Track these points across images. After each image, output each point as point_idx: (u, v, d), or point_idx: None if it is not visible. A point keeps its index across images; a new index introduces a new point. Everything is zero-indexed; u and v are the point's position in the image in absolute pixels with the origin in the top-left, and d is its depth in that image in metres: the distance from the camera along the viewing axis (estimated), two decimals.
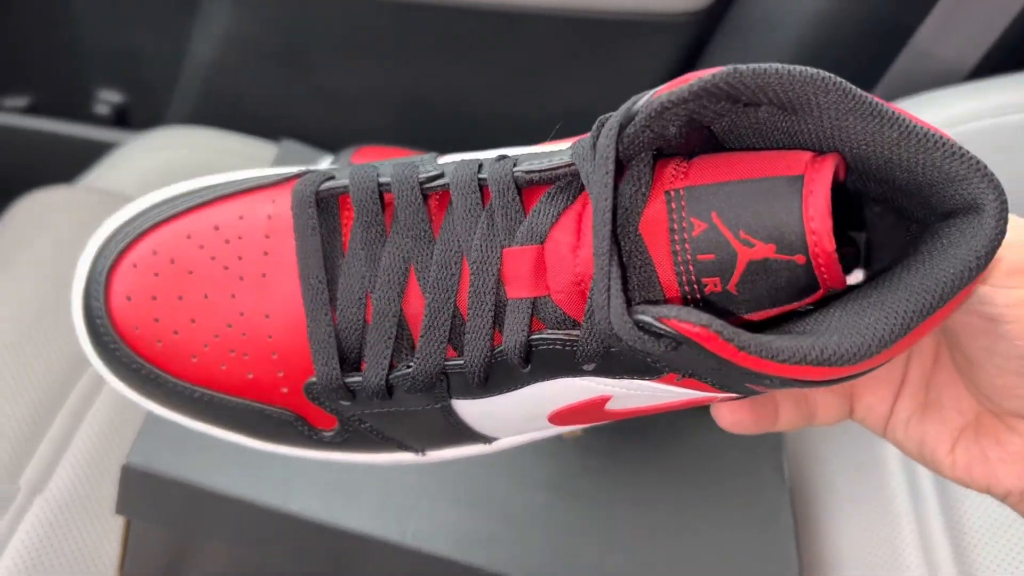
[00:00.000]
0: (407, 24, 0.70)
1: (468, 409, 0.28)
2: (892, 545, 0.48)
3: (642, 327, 0.22)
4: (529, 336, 0.25)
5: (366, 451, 0.31)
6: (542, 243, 0.25)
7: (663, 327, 0.21)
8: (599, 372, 0.25)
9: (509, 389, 0.27)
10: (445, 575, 0.40)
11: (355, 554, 0.40)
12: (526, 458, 0.45)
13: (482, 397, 0.27)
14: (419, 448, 0.31)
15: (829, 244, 0.21)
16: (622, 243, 0.23)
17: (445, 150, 0.54)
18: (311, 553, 0.41)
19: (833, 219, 0.22)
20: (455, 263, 0.26)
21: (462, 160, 0.28)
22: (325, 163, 0.50)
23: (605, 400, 0.27)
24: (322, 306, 0.27)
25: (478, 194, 0.26)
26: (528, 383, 0.26)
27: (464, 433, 0.30)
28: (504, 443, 0.31)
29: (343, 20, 0.70)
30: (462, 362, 0.26)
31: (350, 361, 0.27)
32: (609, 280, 0.22)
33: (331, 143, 0.57)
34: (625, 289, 0.22)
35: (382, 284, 0.27)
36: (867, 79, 0.64)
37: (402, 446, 0.31)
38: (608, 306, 0.22)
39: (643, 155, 0.23)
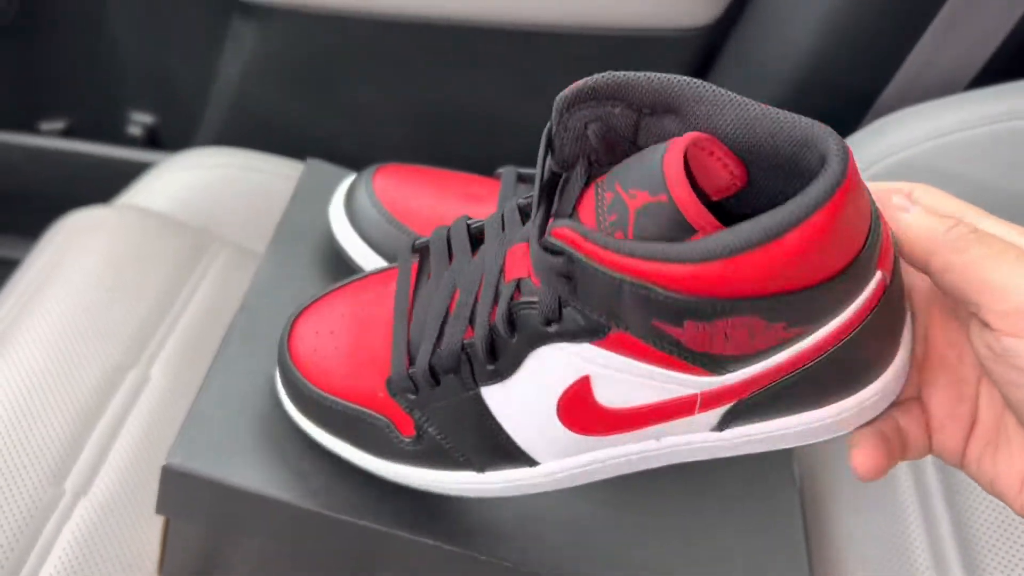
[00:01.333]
0: (425, 43, 0.73)
1: (493, 398, 0.35)
2: (901, 545, 0.49)
3: (547, 248, 0.29)
4: (511, 303, 0.32)
5: (436, 467, 0.38)
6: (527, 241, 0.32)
7: (555, 241, 0.28)
8: (562, 336, 0.31)
9: (512, 365, 0.33)
10: (473, 571, 0.42)
11: (387, 551, 0.42)
12: None
13: (495, 380, 0.34)
14: (478, 465, 0.37)
15: (681, 183, 0.26)
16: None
17: (463, 164, 0.57)
18: (344, 551, 0.43)
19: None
20: (479, 270, 0.35)
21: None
22: (348, 181, 0.52)
23: (587, 383, 0.32)
24: (402, 318, 0.37)
25: (500, 223, 0.36)
26: (522, 357, 0.33)
27: (506, 446, 0.36)
28: (551, 467, 0.36)
29: (365, 41, 0.73)
30: (474, 339, 0.33)
31: (415, 359, 0.36)
32: (536, 218, 0.30)
33: (355, 160, 0.59)
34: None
35: (438, 296, 0.36)
36: (873, 89, 0.66)
37: (462, 463, 0.37)
38: (536, 238, 0.30)
39: (580, 161, 0.30)
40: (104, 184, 0.78)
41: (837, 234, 0.26)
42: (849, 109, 0.67)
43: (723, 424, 0.32)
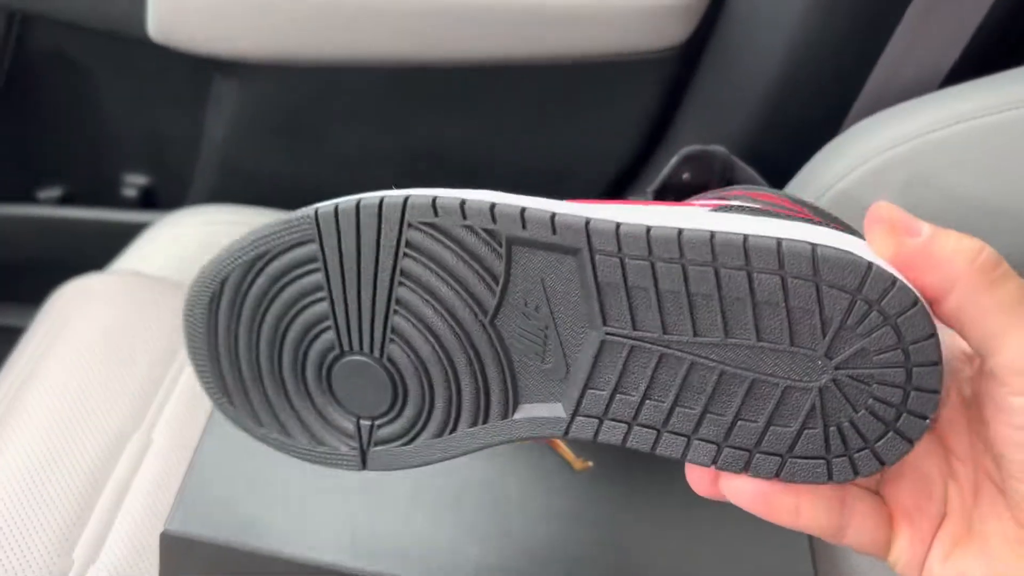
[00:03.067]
0: (404, 86, 0.74)
1: None
2: None
3: None
4: None
5: None
6: None
7: None
8: None
9: None
10: None
11: None
12: (540, 492, 0.47)
13: None
14: None
15: None
16: None
17: None
18: None
19: None
20: None
21: None
22: None
23: None
24: None
25: None
26: None
27: None
28: None
29: (345, 89, 0.74)
30: None
31: None
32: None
33: None
34: None
35: None
36: (845, 96, 0.66)
37: None
38: None
39: None
40: (103, 246, 0.80)
41: None
42: (826, 117, 0.68)
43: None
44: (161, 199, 0.89)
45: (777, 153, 0.69)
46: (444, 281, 0.32)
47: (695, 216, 0.30)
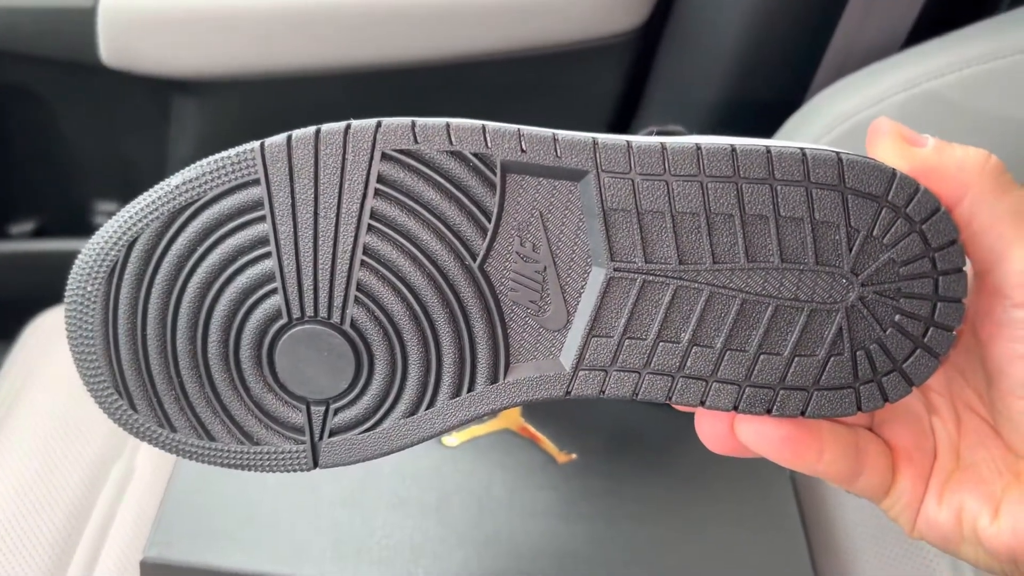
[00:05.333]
0: (364, 89, 0.73)
1: None
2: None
3: None
4: None
5: None
6: None
7: None
8: None
9: None
10: None
11: None
12: (527, 489, 0.47)
13: None
14: None
15: None
16: None
17: None
18: None
19: None
20: None
21: None
22: None
23: None
24: None
25: None
26: None
27: None
28: None
29: (304, 97, 0.74)
30: None
31: None
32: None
33: None
34: None
35: None
36: (807, 66, 0.66)
37: None
38: None
39: None
40: None
41: None
42: (790, 88, 0.67)
43: None
44: None
45: (744, 127, 0.68)
46: (424, 222, 0.27)
47: (706, 137, 0.28)
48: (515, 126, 0.27)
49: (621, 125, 0.79)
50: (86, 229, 0.88)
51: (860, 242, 0.26)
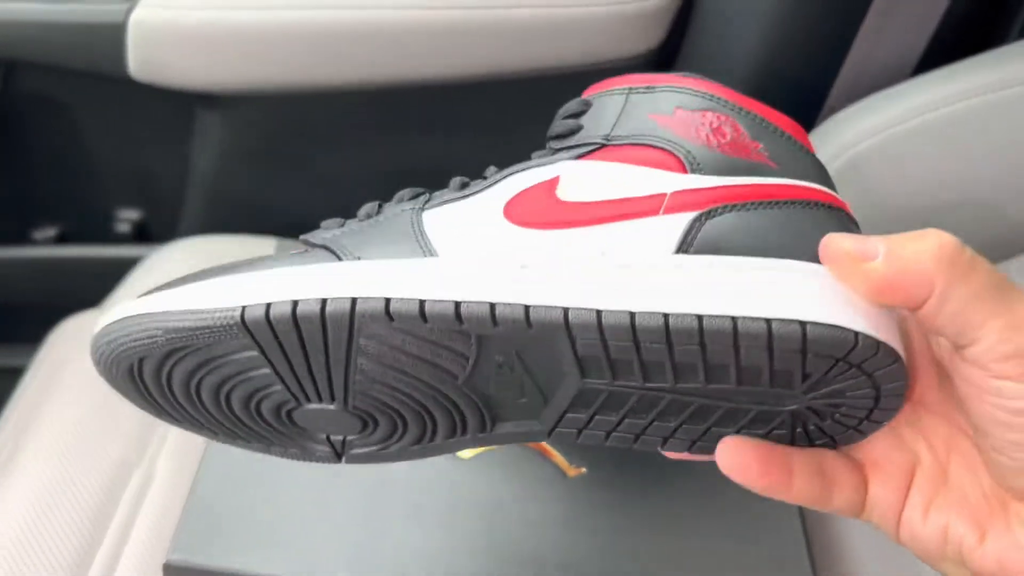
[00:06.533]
0: (383, 106, 0.75)
1: (434, 220, 0.30)
2: None
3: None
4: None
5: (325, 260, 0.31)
6: None
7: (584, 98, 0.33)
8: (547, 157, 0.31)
9: (482, 187, 0.31)
10: None
11: None
12: (535, 502, 0.48)
13: (452, 201, 0.31)
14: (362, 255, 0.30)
15: None
16: None
17: None
18: None
19: None
20: None
21: None
22: None
23: (555, 182, 0.30)
24: None
25: None
26: (497, 180, 0.31)
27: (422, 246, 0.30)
28: (452, 259, 0.30)
29: (324, 113, 0.75)
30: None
31: None
32: None
33: None
34: None
35: None
36: (818, 90, 0.67)
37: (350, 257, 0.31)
38: None
39: None
40: (99, 282, 0.81)
41: None
42: (800, 113, 0.68)
43: (685, 245, 0.28)
44: (154, 232, 0.90)
45: None
46: (410, 358, 0.29)
47: (675, 283, 0.27)
48: (486, 304, 0.27)
49: None
50: (107, 236, 0.90)
51: (813, 381, 0.28)
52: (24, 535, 0.51)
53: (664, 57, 0.74)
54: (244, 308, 0.27)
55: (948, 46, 0.65)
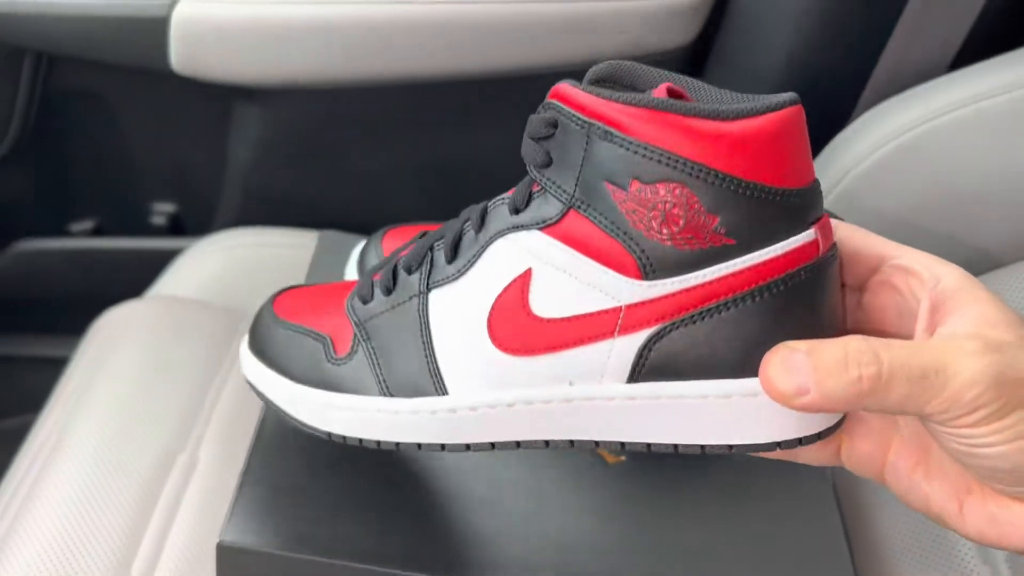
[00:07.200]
0: (418, 102, 0.76)
1: (437, 305, 0.36)
2: (947, 541, 0.50)
3: (542, 110, 0.33)
4: (487, 204, 0.36)
5: (353, 391, 0.38)
6: None
7: (549, 100, 0.32)
8: (521, 227, 0.34)
9: (468, 263, 0.35)
10: None
11: None
12: (576, 489, 0.48)
13: (449, 281, 0.36)
14: (393, 390, 0.38)
15: (662, 91, 0.32)
16: None
17: None
18: None
19: None
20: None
21: None
22: (360, 247, 0.55)
23: (526, 281, 0.34)
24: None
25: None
26: (480, 253, 0.35)
27: (427, 370, 0.37)
28: (461, 399, 0.36)
29: (360, 107, 0.76)
30: (443, 239, 0.37)
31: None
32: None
33: (369, 223, 0.62)
34: None
35: (431, 234, 0.39)
36: (854, 86, 0.67)
37: (379, 387, 0.38)
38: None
39: None
40: (137, 274, 0.82)
41: (779, 145, 0.29)
42: (835, 109, 0.69)
43: (635, 374, 0.33)
44: (190, 225, 0.91)
45: None
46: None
47: (628, 417, 0.34)
48: (488, 444, 0.37)
49: None
50: (143, 229, 0.91)
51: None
52: (74, 518, 0.52)
53: (699, 52, 0.74)
54: (330, 434, 0.38)
55: (986, 41, 0.65)
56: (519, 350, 0.34)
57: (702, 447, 0.33)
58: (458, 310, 0.35)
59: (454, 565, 0.43)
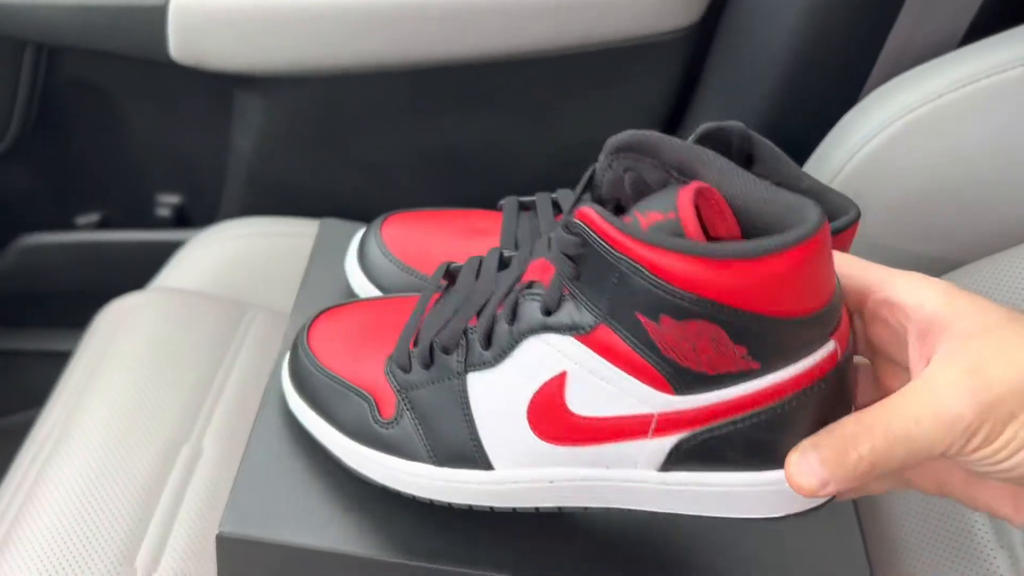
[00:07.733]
0: (419, 87, 0.75)
1: (476, 387, 0.38)
2: (963, 524, 0.49)
3: (567, 227, 0.33)
4: (518, 293, 0.36)
5: (400, 455, 0.40)
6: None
7: (575, 220, 0.33)
8: (553, 328, 0.35)
9: (502, 353, 0.36)
10: None
11: None
12: None
13: (484, 367, 0.37)
14: (438, 460, 0.40)
15: (688, 206, 0.31)
16: None
17: (469, 199, 0.58)
18: None
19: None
20: (502, 277, 0.39)
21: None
22: (360, 234, 0.54)
23: (561, 382, 0.35)
24: (418, 314, 0.42)
25: (529, 252, 0.39)
26: (513, 346, 0.36)
27: (470, 445, 0.38)
28: (504, 474, 0.39)
29: (362, 94, 0.75)
30: (477, 324, 0.37)
31: (419, 341, 0.40)
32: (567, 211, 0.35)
33: (369, 211, 0.61)
34: None
35: (457, 296, 0.40)
36: (862, 64, 0.66)
37: (424, 455, 0.40)
38: (563, 224, 0.34)
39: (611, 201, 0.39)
40: (142, 266, 0.82)
41: (804, 275, 0.30)
42: (844, 86, 0.67)
43: (668, 464, 0.35)
44: (194, 216, 0.91)
45: (797, 125, 0.69)
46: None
47: (661, 497, 0.37)
48: (533, 508, 0.40)
49: (673, 121, 0.80)
50: (148, 221, 0.91)
51: None
52: (78, 511, 0.52)
53: (704, 32, 0.73)
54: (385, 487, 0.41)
55: (994, 17, 0.63)
56: (558, 439, 0.36)
57: (727, 519, 0.36)
58: (498, 396, 0.37)
59: (455, 553, 0.42)
